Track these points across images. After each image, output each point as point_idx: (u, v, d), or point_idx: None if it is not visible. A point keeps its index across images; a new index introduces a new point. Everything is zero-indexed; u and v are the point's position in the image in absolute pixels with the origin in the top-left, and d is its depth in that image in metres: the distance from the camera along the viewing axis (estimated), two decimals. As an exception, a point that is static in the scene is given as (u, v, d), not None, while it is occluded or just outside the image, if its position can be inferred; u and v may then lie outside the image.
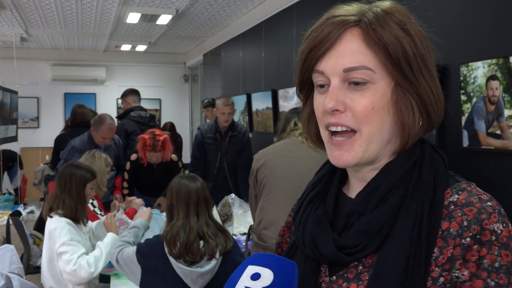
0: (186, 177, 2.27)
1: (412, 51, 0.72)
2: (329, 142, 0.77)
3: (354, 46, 0.72)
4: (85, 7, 5.60)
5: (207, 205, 2.23)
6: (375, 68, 0.72)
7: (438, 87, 0.76)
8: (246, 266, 0.73)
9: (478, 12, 2.48)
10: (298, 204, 0.86)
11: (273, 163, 2.50)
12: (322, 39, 0.74)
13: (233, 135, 4.27)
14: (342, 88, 0.73)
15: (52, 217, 2.46)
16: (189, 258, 2.07)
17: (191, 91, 9.86)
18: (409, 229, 0.71)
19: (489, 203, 0.71)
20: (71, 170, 2.58)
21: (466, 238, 0.68)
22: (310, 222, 0.79)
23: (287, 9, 4.74)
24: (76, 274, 2.32)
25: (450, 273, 0.69)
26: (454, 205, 0.72)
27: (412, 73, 0.73)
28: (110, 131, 3.92)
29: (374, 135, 0.74)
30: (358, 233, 0.73)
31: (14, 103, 5.78)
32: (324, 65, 0.74)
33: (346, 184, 0.86)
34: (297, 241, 0.81)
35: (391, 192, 0.74)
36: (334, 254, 0.74)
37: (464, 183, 0.77)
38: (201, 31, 7.02)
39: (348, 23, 0.73)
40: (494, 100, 2.32)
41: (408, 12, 0.76)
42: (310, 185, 0.85)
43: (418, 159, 0.77)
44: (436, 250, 0.70)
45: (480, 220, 0.68)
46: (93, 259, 2.38)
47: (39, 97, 8.99)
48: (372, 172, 0.79)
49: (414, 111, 0.74)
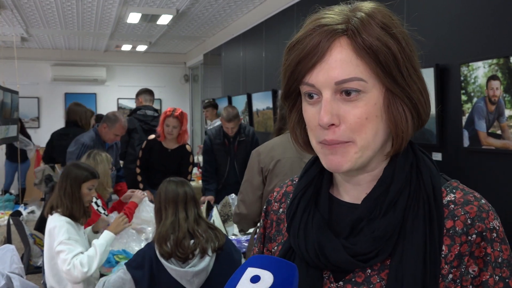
0: (174, 181, 2.26)
1: (401, 55, 0.72)
2: (322, 148, 0.75)
3: (344, 57, 0.71)
4: (85, 7, 5.60)
5: (196, 204, 2.24)
6: (366, 78, 0.71)
7: (425, 87, 0.77)
8: (245, 268, 0.72)
9: (478, 12, 2.47)
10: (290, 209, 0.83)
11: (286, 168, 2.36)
12: (310, 51, 0.71)
13: (242, 140, 4.26)
14: (335, 100, 0.72)
15: (52, 215, 2.47)
16: (179, 254, 2.07)
17: (191, 91, 9.86)
18: (420, 230, 0.72)
19: (483, 201, 0.75)
20: (69, 169, 2.58)
21: (472, 235, 0.72)
22: (312, 230, 0.78)
23: (287, 9, 4.74)
24: (71, 274, 2.31)
25: (458, 269, 0.72)
26: (453, 204, 0.75)
27: (403, 78, 0.72)
28: (124, 128, 4.02)
29: (369, 143, 0.73)
30: (372, 239, 0.73)
31: (14, 103, 5.78)
32: (314, 78, 0.72)
33: (333, 186, 0.85)
34: (298, 249, 0.79)
35: (399, 196, 0.75)
36: (347, 261, 0.73)
37: (454, 182, 0.79)
38: (202, 31, 7.02)
39: (336, 33, 0.71)
40: (495, 100, 2.32)
41: (390, 12, 0.75)
42: (300, 188, 0.83)
43: (413, 160, 0.78)
44: (445, 248, 0.73)
45: (483, 218, 0.72)
46: (86, 259, 2.35)
47: (39, 97, 8.99)
48: (364, 175, 0.79)
49: (406, 115, 0.74)
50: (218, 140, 4.31)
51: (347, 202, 0.81)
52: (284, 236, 0.88)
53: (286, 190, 0.93)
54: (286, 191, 0.93)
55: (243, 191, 2.49)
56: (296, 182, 0.88)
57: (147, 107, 4.89)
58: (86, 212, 2.59)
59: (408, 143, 0.78)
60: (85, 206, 2.55)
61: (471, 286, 0.72)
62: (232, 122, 4.12)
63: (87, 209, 2.60)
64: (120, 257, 2.81)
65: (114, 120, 3.93)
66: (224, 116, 4.11)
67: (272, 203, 0.94)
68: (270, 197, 0.96)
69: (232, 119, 4.10)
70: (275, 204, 0.93)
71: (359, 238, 0.74)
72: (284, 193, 0.93)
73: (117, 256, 2.81)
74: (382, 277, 0.74)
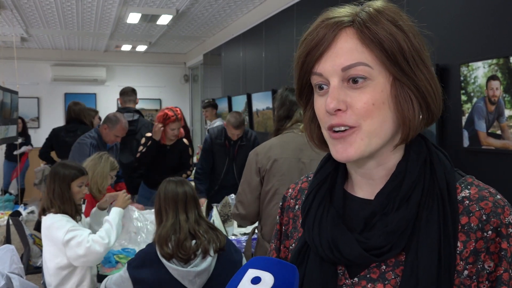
0: (174, 181, 2.25)
1: (407, 45, 0.73)
2: (331, 138, 0.77)
3: (349, 45, 0.73)
4: (85, 7, 5.60)
5: (196, 204, 2.22)
6: (372, 64, 0.73)
7: (435, 79, 0.77)
8: (246, 270, 0.72)
9: (478, 12, 2.48)
10: (305, 204, 0.84)
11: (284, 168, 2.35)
12: (317, 42, 0.75)
13: (243, 144, 4.25)
14: (342, 87, 0.74)
15: (46, 216, 2.44)
16: (181, 255, 2.06)
17: (191, 91, 9.86)
18: (435, 226, 0.72)
19: (498, 196, 0.75)
20: (56, 169, 2.52)
21: (488, 231, 0.72)
22: (327, 224, 0.78)
23: (287, 9, 4.74)
24: (92, 251, 2.29)
25: (475, 266, 0.72)
26: (468, 200, 0.75)
27: (409, 66, 0.73)
28: (124, 130, 4.04)
29: (375, 129, 0.74)
30: (385, 234, 0.73)
31: (14, 103, 5.78)
32: (322, 66, 0.75)
33: (347, 182, 0.85)
34: (312, 243, 0.80)
35: (412, 191, 0.75)
36: (361, 256, 0.74)
37: (469, 178, 0.79)
38: (202, 31, 7.02)
39: (342, 24, 0.74)
40: (495, 100, 2.32)
41: (399, 10, 0.77)
42: (315, 184, 0.85)
43: (427, 156, 0.78)
44: (460, 245, 0.73)
45: (498, 214, 0.72)
46: (104, 232, 2.38)
47: (39, 97, 8.99)
48: (377, 168, 0.79)
49: (413, 104, 0.75)
50: (219, 140, 4.32)
51: (361, 198, 0.82)
52: (299, 232, 0.89)
53: (301, 187, 0.94)
54: (302, 188, 0.94)
55: (241, 191, 2.49)
56: (311, 178, 0.89)
57: (126, 109, 4.67)
58: (78, 210, 2.55)
59: (422, 139, 0.80)
60: (76, 205, 2.51)
61: (487, 281, 0.71)
62: (240, 129, 4.14)
63: (79, 207, 2.57)
64: (120, 256, 2.81)
65: (115, 121, 3.96)
66: (232, 122, 4.09)
67: (288, 199, 0.95)
68: (285, 193, 0.97)
69: (240, 126, 4.12)
70: (291, 201, 0.94)
71: (372, 232, 0.75)
72: (299, 190, 0.94)
73: (117, 256, 2.81)
74: (397, 273, 0.74)
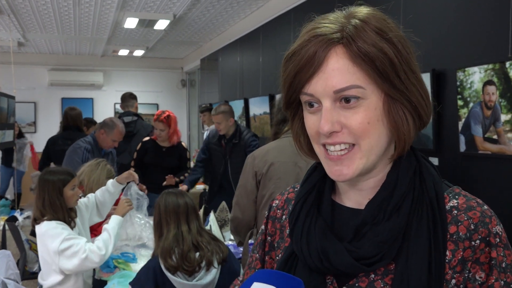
0: (174, 192, 2.24)
1: (398, 60, 0.72)
2: (326, 158, 0.76)
3: (341, 66, 0.71)
4: (82, 12, 5.61)
5: (197, 215, 2.20)
6: (364, 85, 0.71)
7: (424, 88, 0.77)
8: (251, 283, 0.71)
9: (474, 17, 2.49)
10: (292, 214, 0.83)
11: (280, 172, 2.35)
12: (307, 61, 0.72)
13: (236, 143, 4.23)
14: (335, 108, 0.73)
15: (39, 224, 2.38)
16: (186, 267, 2.03)
17: (188, 96, 9.86)
18: (425, 235, 0.73)
19: (485, 207, 0.75)
20: (44, 177, 2.43)
21: (476, 240, 0.72)
22: (315, 234, 0.78)
23: (284, 14, 4.75)
24: (89, 260, 2.27)
25: (462, 274, 0.72)
26: (456, 209, 0.75)
27: (401, 82, 0.73)
28: (121, 134, 4.08)
29: (372, 147, 0.74)
30: (376, 243, 0.73)
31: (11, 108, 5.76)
32: (313, 88, 0.73)
33: (335, 191, 0.85)
34: (300, 253, 0.79)
35: (402, 201, 0.75)
36: (351, 265, 0.74)
37: (456, 188, 0.80)
38: (199, 36, 7.03)
39: (331, 42, 0.71)
40: (491, 105, 2.33)
41: (385, 16, 0.75)
42: (302, 194, 0.84)
43: (416, 166, 0.78)
44: (449, 253, 0.73)
45: (486, 224, 0.73)
46: (102, 242, 2.35)
47: (36, 102, 8.97)
48: (368, 180, 0.79)
49: (407, 118, 0.75)
50: (215, 139, 4.41)
51: (349, 208, 0.81)
52: (286, 242, 0.88)
53: (287, 197, 0.93)
54: (288, 198, 0.93)
55: (238, 195, 2.49)
56: (298, 188, 0.88)
57: (127, 113, 5.03)
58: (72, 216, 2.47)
59: (410, 149, 0.79)
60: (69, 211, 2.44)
61: None
62: (216, 117, 4.09)
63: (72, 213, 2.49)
64: (119, 261, 2.79)
65: (111, 126, 3.97)
66: (212, 109, 4.19)
67: (275, 209, 0.94)
68: (271, 203, 0.96)
69: (216, 114, 4.08)
70: (277, 212, 0.93)
71: (363, 242, 0.74)
72: (286, 200, 0.93)
73: (116, 260, 2.79)
74: (386, 281, 0.74)
